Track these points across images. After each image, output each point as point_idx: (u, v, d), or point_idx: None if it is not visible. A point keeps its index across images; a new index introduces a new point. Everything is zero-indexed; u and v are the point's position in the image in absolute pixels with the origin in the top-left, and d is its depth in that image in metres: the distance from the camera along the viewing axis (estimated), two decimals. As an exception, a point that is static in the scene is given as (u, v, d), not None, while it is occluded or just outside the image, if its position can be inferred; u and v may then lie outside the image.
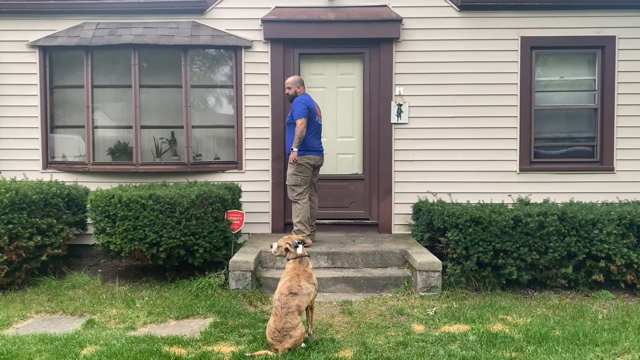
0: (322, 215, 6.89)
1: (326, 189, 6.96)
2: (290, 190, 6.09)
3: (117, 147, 7.05)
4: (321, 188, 6.73)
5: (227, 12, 6.92)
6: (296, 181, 6.02)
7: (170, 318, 4.65)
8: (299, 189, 6.02)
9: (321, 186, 6.73)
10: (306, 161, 6.02)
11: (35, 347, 3.87)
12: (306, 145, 6.00)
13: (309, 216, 6.09)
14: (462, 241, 5.34)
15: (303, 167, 6.01)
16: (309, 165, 6.05)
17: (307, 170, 6.05)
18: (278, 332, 3.73)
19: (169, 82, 7.00)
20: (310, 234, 6.13)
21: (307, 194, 6.07)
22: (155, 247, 5.45)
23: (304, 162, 6.01)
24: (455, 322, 4.55)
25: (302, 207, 6.01)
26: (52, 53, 6.97)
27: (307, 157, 6.03)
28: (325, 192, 6.95)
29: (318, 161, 6.17)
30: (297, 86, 6.13)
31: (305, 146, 5.99)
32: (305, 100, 5.99)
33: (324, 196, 6.90)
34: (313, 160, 6.08)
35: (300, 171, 6.01)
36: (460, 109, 6.90)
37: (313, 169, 6.14)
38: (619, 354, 3.86)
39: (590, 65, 7.01)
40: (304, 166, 6.01)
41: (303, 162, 6.00)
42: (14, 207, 5.26)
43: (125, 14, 6.91)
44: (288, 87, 6.17)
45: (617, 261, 5.32)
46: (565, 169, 6.93)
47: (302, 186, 6.03)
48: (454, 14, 6.89)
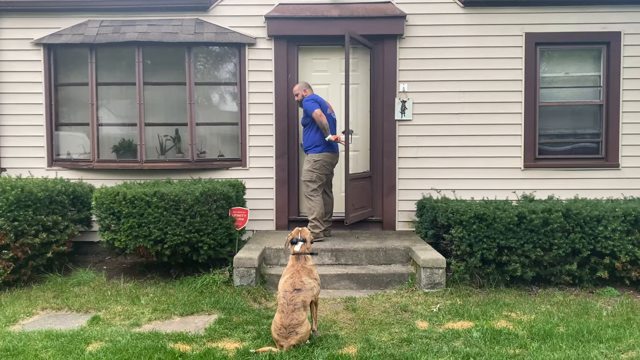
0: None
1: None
2: (305, 185, 6.18)
3: (122, 144, 7.07)
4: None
5: (230, 9, 6.92)
6: (311, 177, 6.10)
7: (174, 314, 4.68)
8: (313, 185, 6.10)
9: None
10: (324, 158, 6.13)
11: (41, 344, 3.90)
12: (327, 142, 6.12)
13: (323, 212, 6.17)
14: (466, 238, 5.33)
15: (320, 164, 6.12)
16: (327, 162, 6.17)
17: (324, 168, 6.16)
18: (284, 328, 3.74)
19: (173, 80, 7.01)
20: (325, 229, 6.26)
21: (320, 191, 6.18)
22: (160, 244, 5.47)
23: (322, 159, 6.12)
24: (459, 318, 4.55)
25: (315, 204, 6.10)
26: (57, 51, 6.99)
27: (325, 154, 6.14)
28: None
29: (334, 159, 6.29)
30: (303, 90, 6.26)
31: (326, 143, 6.12)
32: (313, 97, 6.17)
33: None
34: (330, 158, 6.20)
35: (317, 168, 6.12)
36: (464, 105, 6.88)
37: (332, 167, 6.27)
38: (623, 350, 3.85)
39: (596, 61, 6.97)
40: (321, 163, 6.12)
41: (321, 158, 6.11)
42: (19, 205, 5.28)
43: (129, 11, 6.92)
44: (295, 94, 6.32)
45: (622, 258, 5.30)
46: (569, 166, 6.91)
47: (317, 183, 6.12)
48: (458, 10, 6.86)
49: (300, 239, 4.16)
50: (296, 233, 4.22)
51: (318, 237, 6.14)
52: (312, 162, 6.13)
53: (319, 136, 6.12)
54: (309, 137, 6.18)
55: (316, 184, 6.12)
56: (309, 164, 6.14)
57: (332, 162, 6.25)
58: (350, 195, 6.29)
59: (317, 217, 6.11)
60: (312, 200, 6.13)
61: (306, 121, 6.20)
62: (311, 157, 6.15)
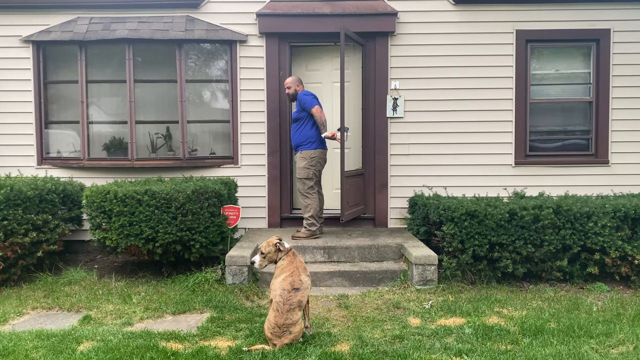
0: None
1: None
2: (302, 183, 6.18)
3: (112, 142, 7.02)
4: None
5: (221, 6, 6.88)
6: (308, 174, 6.12)
7: (166, 313, 4.66)
8: (310, 182, 6.13)
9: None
10: (319, 155, 6.17)
11: (31, 344, 3.87)
12: (321, 139, 6.15)
13: (319, 209, 6.21)
14: (457, 235, 5.35)
15: (316, 161, 6.16)
16: (322, 158, 6.22)
17: (319, 164, 6.21)
18: (278, 327, 3.73)
19: (164, 77, 6.97)
20: (319, 226, 6.28)
21: (316, 188, 6.20)
22: (152, 242, 5.44)
23: (318, 155, 6.16)
24: (452, 315, 4.57)
25: (312, 202, 6.14)
26: (46, 48, 6.92)
27: (320, 151, 6.17)
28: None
29: (326, 155, 6.35)
30: (296, 85, 6.25)
31: (320, 139, 6.15)
32: (310, 92, 6.20)
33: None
34: (324, 155, 6.27)
35: (313, 164, 6.15)
36: (455, 102, 6.90)
37: (325, 163, 6.31)
38: (613, 345, 3.89)
39: (586, 58, 7.02)
40: (316, 159, 6.15)
41: (317, 155, 6.15)
42: (8, 204, 5.24)
43: (119, 8, 6.87)
44: (287, 87, 6.30)
45: (611, 254, 5.34)
46: (560, 162, 6.95)
47: (313, 179, 6.16)
48: (450, 8, 6.87)
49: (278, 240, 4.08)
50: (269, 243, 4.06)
51: (314, 234, 6.17)
52: (308, 158, 6.12)
53: (314, 132, 6.12)
54: (303, 132, 6.15)
55: (312, 181, 6.14)
56: (305, 161, 6.13)
57: (325, 158, 6.30)
58: (345, 192, 6.30)
59: (314, 215, 6.14)
60: (309, 198, 6.14)
61: (300, 116, 6.15)
62: (307, 153, 6.14)
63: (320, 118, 6.02)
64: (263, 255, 4.04)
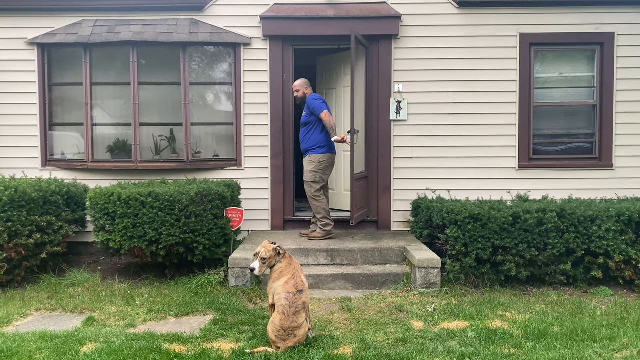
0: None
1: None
2: (309, 186, 6.22)
3: (116, 144, 7.05)
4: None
5: (225, 9, 6.90)
6: (315, 178, 6.16)
7: (170, 315, 4.66)
8: (317, 185, 6.18)
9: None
10: (328, 159, 6.22)
11: (35, 345, 3.88)
12: (330, 143, 6.19)
13: (328, 210, 6.28)
14: (461, 238, 5.34)
15: (325, 165, 6.20)
16: (330, 163, 6.26)
17: (328, 169, 6.26)
18: (284, 330, 3.72)
19: (168, 80, 6.99)
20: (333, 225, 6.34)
21: (322, 191, 6.26)
22: (155, 244, 5.45)
23: (327, 160, 6.20)
24: (455, 318, 4.56)
25: (321, 204, 6.21)
26: (51, 50, 6.95)
27: (329, 156, 6.22)
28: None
29: (334, 159, 6.37)
30: (304, 88, 6.29)
31: (330, 144, 6.18)
32: (319, 96, 6.22)
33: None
34: (333, 159, 6.31)
35: (322, 169, 6.19)
36: (459, 105, 6.90)
37: (333, 167, 6.36)
38: (617, 350, 3.87)
39: (589, 61, 7.01)
40: (325, 164, 6.19)
41: (326, 159, 6.19)
42: (13, 205, 5.25)
43: (124, 11, 6.89)
44: (296, 90, 6.33)
45: (615, 257, 5.33)
46: (564, 166, 6.94)
47: (320, 183, 6.20)
48: (453, 11, 6.88)
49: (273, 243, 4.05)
50: (267, 247, 4.01)
51: (330, 234, 6.25)
52: (316, 162, 6.15)
53: (323, 136, 6.14)
54: (312, 137, 6.18)
55: (319, 185, 6.19)
56: (313, 165, 6.16)
57: (333, 163, 6.35)
58: (354, 195, 6.32)
59: (325, 215, 6.22)
60: (317, 201, 6.19)
61: (309, 120, 6.18)
62: (315, 157, 6.16)
63: (330, 122, 6.04)
64: (263, 261, 3.97)
